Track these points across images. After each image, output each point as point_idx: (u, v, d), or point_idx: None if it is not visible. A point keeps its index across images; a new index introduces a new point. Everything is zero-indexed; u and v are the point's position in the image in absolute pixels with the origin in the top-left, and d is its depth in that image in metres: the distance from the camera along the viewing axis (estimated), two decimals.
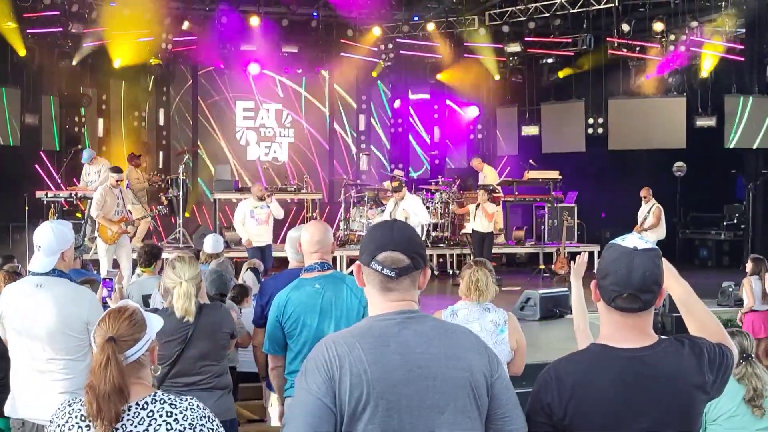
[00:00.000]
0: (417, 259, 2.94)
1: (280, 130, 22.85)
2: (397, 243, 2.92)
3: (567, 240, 18.05)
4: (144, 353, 3.20)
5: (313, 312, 5.15)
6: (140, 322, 3.24)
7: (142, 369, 3.21)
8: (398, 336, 2.83)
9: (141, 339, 3.19)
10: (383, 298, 2.93)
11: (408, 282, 2.93)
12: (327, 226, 5.63)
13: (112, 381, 3.02)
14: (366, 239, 3.01)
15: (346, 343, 2.80)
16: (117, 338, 3.13)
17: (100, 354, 3.09)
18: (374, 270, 2.91)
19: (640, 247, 2.91)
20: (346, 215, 18.59)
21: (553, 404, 2.89)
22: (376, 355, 2.77)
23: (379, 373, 2.74)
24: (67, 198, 16.51)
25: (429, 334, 2.86)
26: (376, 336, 2.83)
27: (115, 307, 3.33)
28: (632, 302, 2.89)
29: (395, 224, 3.03)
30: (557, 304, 12.93)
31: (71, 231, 5.29)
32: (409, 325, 2.86)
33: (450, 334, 2.91)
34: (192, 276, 5.24)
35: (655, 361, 2.90)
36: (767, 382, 5.55)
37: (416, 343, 2.82)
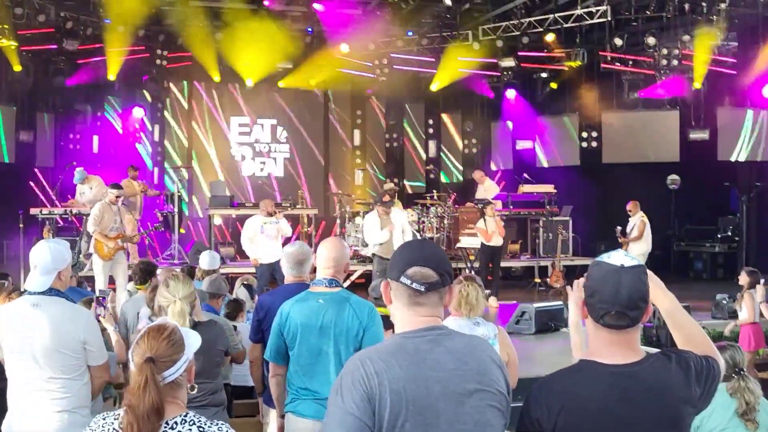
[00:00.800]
0: (445, 276, 2.99)
1: (274, 145, 22.88)
2: (427, 259, 2.97)
3: (562, 253, 18.09)
4: (182, 374, 3.19)
5: (312, 328, 5.16)
6: (179, 342, 3.22)
7: (179, 389, 3.20)
8: (431, 353, 2.87)
9: (179, 360, 3.18)
10: (411, 313, 2.96)
11: (436, 298, 2.98)
12: (345, 244, 5.68)
13: (151, 402, 3.02)
14: (396, 256, 3.04)
15: (382, 360, 2.82)
16: (156, 359, 3.11)
17: (139, 375, 3.08)
18: (403, 284, 2.95)
19: (626, 264, 2.94)
20: (342, 230, 18.59)
21: (542, 419, 2.91)
22: (413, 372, 2.81)
23: (417, 390, 2.78)
24: (62, 215, 16.51)
25: (461, 350, 2.91)
26: (410, 353, 2.86)
27: (154, 325, 3.31)
28: (620, 319, 2.92)
29: (425, 242, 3.13)
30: (552, 317, 12.96)
31: (68, 250, 5.28)
32: (441, 341, 2.91)
33: (478, 349, 2.97)
34: (186, 294, 5.25)
35: (644, 376, 2.92)
36: (759, 395, 5.56)
37: (449, 359, 2.87)
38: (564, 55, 20.32)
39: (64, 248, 5.22)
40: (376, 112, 23.87)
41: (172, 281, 5.29)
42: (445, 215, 18.71)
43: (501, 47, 20.69)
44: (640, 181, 20.45)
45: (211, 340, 5.42)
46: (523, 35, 20.13)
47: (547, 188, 19.21)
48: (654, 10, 18.83)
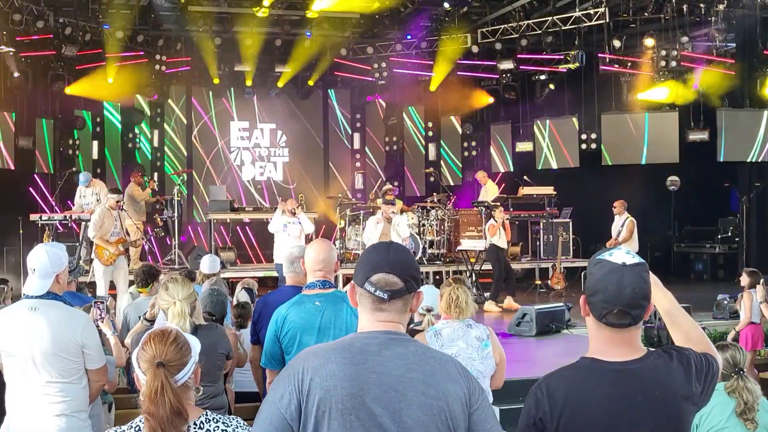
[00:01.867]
0: (411, 283, 2.92)
1: (274, 149, 22.89)
2: (392, 265, 2.91)
3: (563, 255, 18.09)
4: (190, 376, 3.23)
5: (311, 330, 5.15)
6: (185, 345, 3.25)
7: (189, 391, 3.23)
8: (377, 355, 2.81)
9: (188, 363, 3.22)
10: (372, 317, 2.92)
11: (400, 304, 2.92)
12: (331, 244, 5.67)
13: (171, 405, 3.05)
14: (361, 260, 2.99)
15: (322, 356, 2.81)
16: (166, 363, 3.13)
17: (154, 380, 3.09)
18: (367, 291, 2.89)
19: (628, 262, 2.93)
20: (342, 234, 18.58)
21: (545, 418, 2.90)
22: (351, 371, 2.76)
23: (351, 390, 2.73)
24: (61, 220, 16.52)
25: (410, 358, 2.83)
26: (354, 352, 2.82)
27: (157, 330, 3.32)
28: (622, 318, 2.91)
29: (391, 246, 3.01)
30: (553, 319, 12.94)
31: (65, 253, 5.27)
32: (391, 346, 2.84)
33: (431, 361, 2.87)
34: (185, 296, 5.25)
35: (645, 373, 2.92)
36: (759, 395, 5.56)
37: (395, 365, 2.80)
38: (563, 58, 20.32)
39: (62, 251, 5.21)
40: (375, 115, 23.86)
41: (171, 284, 5.29)
42: (445, 218, 18.70)
43: (500, 50, 20.72)
44: (639, 183, 20.46)
45: (212, 344, 5.42)
46: (522, 38, 20.16)
47: (546, 190, 19.20)
48: (652, 11, 18.87)
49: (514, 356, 10.79)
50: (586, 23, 19.26)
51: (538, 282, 17.73)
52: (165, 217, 18.01)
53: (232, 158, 22.60)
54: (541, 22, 19.82)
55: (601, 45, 19.84)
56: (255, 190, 21.21)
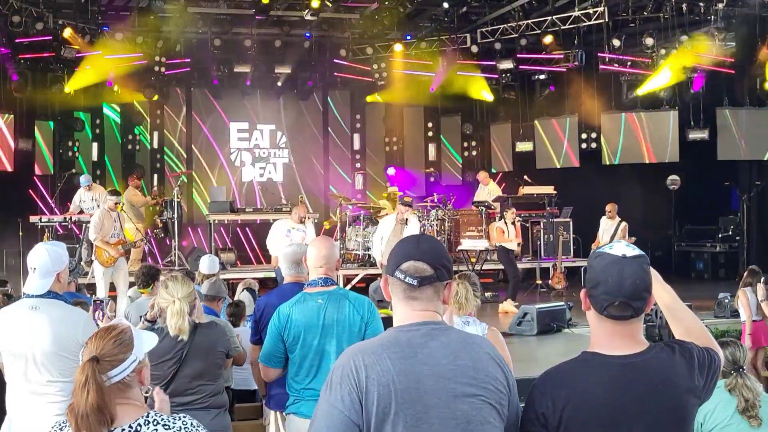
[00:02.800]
0: (441, 271, 2.96)
1: (274, 150, 22.88)
2: (423, 253, 2.95)
3: (563, 255, 18.08)
4: (130, 374, 3.13)
5: (315, 328, 5.16)
6: (127, 341, 3.16)
7: (129, 390, 3.14)
8: (425, 347, 2.84)
9: (126, 359, 3.12)
10: (407, 308, 2.94)
11: (431, 292, 2.94)
12: (333, 242, 5.68)
13: (90, 401, 2.97)
14: (393, 251, 3.02)
15: (373, 353, 2.82)
16: (100, 358, 3.06)
17: (81, 373, 3.03)
18: (397, 279, 2.93)
19: (628, 254, 2.93)
20: (342, 234, 18.57)
21: (547, 413, 2.89)
22: (404, 366, 2.79)
23: (407, 384, 2.76)
24: (61, 222, 16.51)
25: (455, 346, 2.88)
26: (403, 346, 2.84)
27: (105, 325, 3.28)
28: (624, 310, 2.90)
29: (422, 237, 3.07)
30: (554, 318, 12.95)
31: (66, 252, 5.27)
32: (435, 336, 2.88)
33: (474, 346, 2.93)
34: (185, 294, 5.24)
35: (648, 366, 2.91)
36: (759, 392, 5.55)
37: (443, 354, 2.84)
38: (562, 57, 20.32)
39: (62, 250, 5.21)
40: (375, 115, 23.85)
41: (171, 282, 5.28)
42: (445, 218, 18.70)
43: (499, 49, 20.72)
44: (640, 182, 20.47)
45: (212, 342, 5.41)
46: (521, 37, 20.17)
47: (547, 190, 19.19)
48: (651, 10, 18.87)
49: (516, 356, 10.75)
50: (585, 23, 19.25)
51: (539, 281, 17.71)
52: (165, 218, 18.00)
53: (233, 159, 22.57)
54: (541, 21, 19.83)
55: (600, 44, 19.86)
56: (261, 191, 21.14)
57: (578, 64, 19.97)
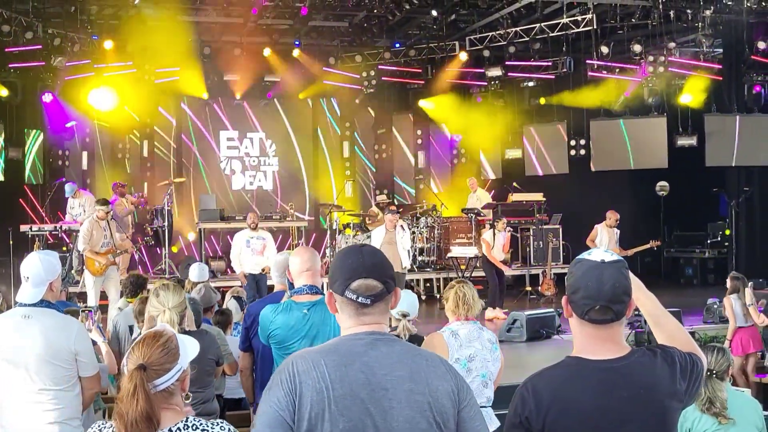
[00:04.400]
0: (389, 283, 2.97)
1: (264, 158, 22.89)
2: (370, 270, 2.94)
3: (553, 261, 18.13)
4: (174, 383, 3.17)
5: (298, 336, 5.18)
6: (173, 350, 3.20)
7: (172, 396, 3.18)
8: (364, 356, 2.85)
9: (172, 369, 3.16)
10: (356, 321, 2.95)
11: (383, 306, 2.97)
12: (314, 251, 5.69)
13: (140, 409, 3.01)
14: (336, 266, 3.00)
15: (311, 359, 2.83)
16: (147, 366, 3.10)
17: (129, 382, 3.07)
18: (348, 299, 2.92)
19: (606, 259, 2.97)
20: (332, 242, 18.60)
21: (531, 417, 2.92)
22: (341, 373, 2.80)
23: (341, 391, 2.77)
24: (51, 231, 16.50)
25: (395, 356, 2.88)
26: (342, 354, 2.85)
27: (151, 331, 3.30)
28: (604, 314, 2.94)
29: (364, 249, 3.03)
30: (544, 325, 13.00)
31: (58, 261, 5.29)
32: (377, 346, 2.88)
33: (416, 358, 2.92)
34: (176, 304, 5.26)
35: (630, 371, 2.95)
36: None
37: (381, 364, 2.84)
38: (551, 64, 20.41)
39: (55, 259, 5.23)
40: (364, 123, 23.88)
41: (162, 291, 5.30)
42: (435, 225, 18.74)
43: (488, 57, 20.78)
44: (628, 188, 20.55)
45: (202, 350, 5.41)
46: (510, 45, 20.23)
47: (536, 197, 19.25)
48: (639, 17, 18.95)
49: (505, 362, 10.81)
50: (573, 30, 19.32)
51: (529, 288, 17.77)
52: (155, 226, 18.00)
53: (222, 167, 22.57)
54: (529, 29, 19.89)
55: (588, 51, 19.93)
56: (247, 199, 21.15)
57: (567, 71, 20.05)
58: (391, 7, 19.01)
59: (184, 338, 3.33)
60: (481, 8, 19.21)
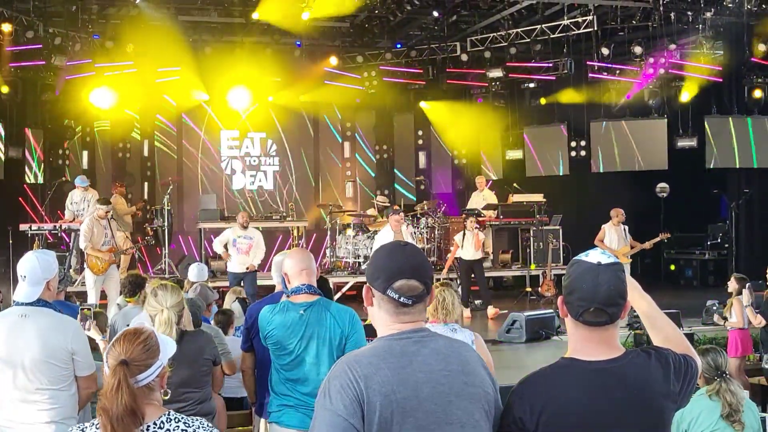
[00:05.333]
0: (429, 284, 3.01)
1: (265, 158, 22.89)
2: (413, 270, 2.97)
3: (553, 262, 18.11)
4: (155, 378, 3.24)
5: (294, 337, 5.20)
6: (154, 347, 3.25)
7: (152, 392, 3.24)
8: (418, 355, 2.89)
9: (153, 365, 3.22)
10: (396, 320, 2.98)
11: (422, 306, 3.01)
12: (309, 252, 5.73)
13: (124, 404, 3.05)
14: (379, 264, 3.02)
15: (370, 364, 2.84)
16: (129, 362, 3.15)
17: (112, 377, 3.11)
18: (391, 298, 2.95)
19: (603, 262, 2.98)
20: (332, 242, 18.60)
21: (524, 418, 2.92)
22: (403, 375, 2.83)
23: (406, 393, 2.80)
24: (51, 230, 16.50)
25: (445, 351, 2.94)
26: (398, 356, 2.88)
27: (131, 329, 3.35)
28: (599, 316, 2.95)
29: (407, 249, 3.06)
30: (543, 326, 13.00)
31: (55, 260, 5.29)
32: (426, 343, 2.93)
33: (461, 350, 3.00)
34: (174, 304, 5.27)
35: (624, 372, 2.96)
36: (742, 397, 5.61)
37: (435, 360, 2.89)
38: (551, 65, 20.41)
39: (52, 258, 5.23)
40: (365, 124, 23.87)
41: (161, 291, 5.31)
42: (435, 225, 18.72)
43: (489, 58, 20.78)
44: (628, 190, 20.52)
45: (199, 350, 5.44)
46: (511, 46, 20.24)
47: (536, 197, 19.24)
48: (640, 19, 18.94)
49: (504, 363, 10.83)
50: (574, 31, 19.34)
51: (529, 289, 17.75)
52: (155, 226, 18.00)
53: (223, 167, 22.57)
54: (530, 30, 19.90)
55: (589, 53, 19.94)
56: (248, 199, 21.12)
57: (567, 72, 20.06)
58: (392, 7, 19.01)
59: (163, 337, 3.37)
60: (483, 9, 19.21)
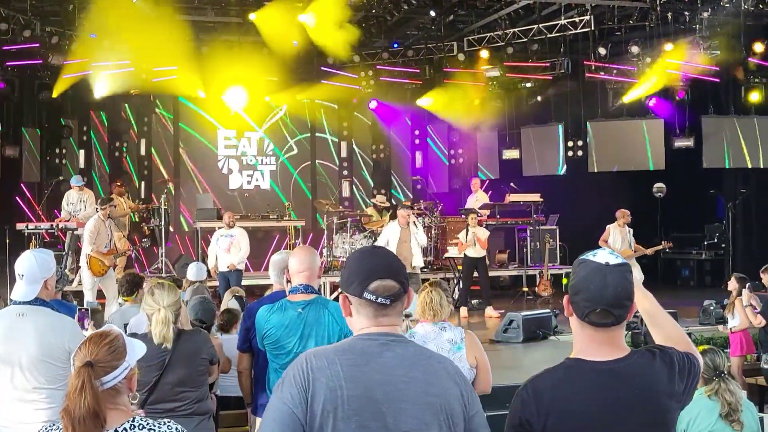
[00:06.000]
0: (405, 284, 2.98)
1: (261, 158, 22.87)
2: (387, 270, 2.94)
3: (550, 262, 18.11)
4: (121, 381, 3.19)
5: (293, 336, 5.19)
6: (120, 348, 3.22)
7: (119, 395, 3.20)
8: (379, 356, 2.86)
9: (119, 366, 3.18)
10: (374, 322, 2.95)
11: (399, 307, 2.97)
12: (314, 250, 5.69)
13: (86, 406, 3.02)
14: (352, 269, 3.00)
15: (325, 358, 2.84)
16: (94, 363, 3.11)
17: (76, 378, 3.08)
18: (368, 300, 2.92)
19: (611, 262, 2.96)
20: (329, 242, 18.59)
21: (531, 419, 2.92)
22: (355, 373, 2.80)
23: (356, 391, 2.78)
24: (48, 229, 16.46)
25: (411, 358, 2.89)
26: (356, 353, 2.86)
27: (98, 331, 3.32)
28: (605, 317, 2.94)
29: (378, 251, 3.06)
30: (540, 325, 12.97)
31: (53, 259, 5.28)
32: (392, 347, 2.89)
33: (431, 360, 2.94)
34: (170, 303, 5.26)
35: (629, 372, 2.95)
36: (741, 396, 5.61)
37: (397, 365, 2.85)
38: (548, 65, 20.42)
39: (50, 257, 5.22)
40: (362, 123, 23.87)
41: (158, 290, 5.30)
42: (432, 225, 18.72)
43: (486, 58, 20.78)
44: (625, 189, 20.53)
45: (196, 349, 5.43)
46: (508, 45, 20.24)
47: (533, 197, 19.24)
48: (637, 19, 18.97)
49: (502, 363, 10.83)
50: (571, 31, 19.34)
51: (525, 289, 17.73)
52: (152, 225, 17.99)
53: (220, 166, 22.56)
54: (527, 30, 19.89)
55: (586, 52, 19.97)
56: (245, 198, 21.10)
57: (564, 72, 20.07)
58: (389, 7, 19.01)
59: (131, 339, 3.35)
60: (480, 9, 19.23)
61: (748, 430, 5.64)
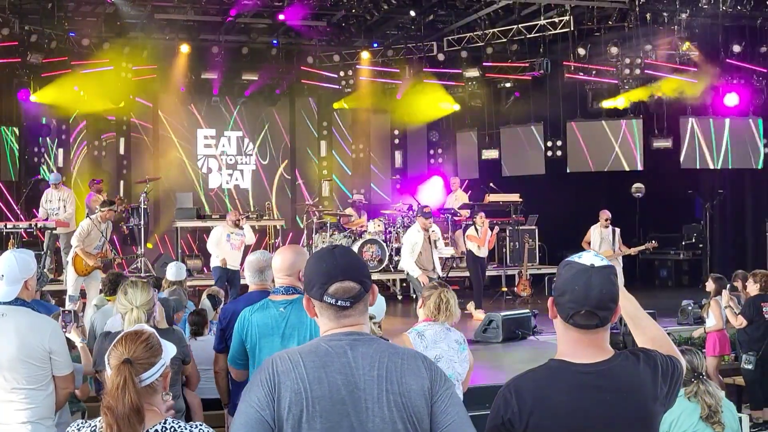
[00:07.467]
0: (366, 283, 2.98)
1: (241, 157, 22.82)
2: (345, 271, 2.94)
3: (529, 262, 18.19)
4: (158, 378, 3.23)
5: (275, 335, 5.17)
6: (156, 346, 3.26)
7: (155, 395, 3.22)
8: (343, 356, 2.87)
9: (156, 363, 3.22)
10: (337, 324, 2.96)
11: (362, 307, 2.98)
12: (300, 250, 5.66)
13: (130, 402, 3.03)
14: (311, 272, 3.00)
15: (291, 360, 2.86)
16: (133, 361, 3.14)
17: (117, 375, 3.09)
18: (328, 303, 2.93)
19: (596, 264, 2.97)
20: (309, 241, 18.58)
21: (513, 419, 2.93)
22: (320, 374, 2.82)
23: (320, 392, 2.80)
24: (26, 229, 16.38)
25: (373, 356, 2.89)
26: (321, 355, 2.87)
27: (131, 330, 3.36)
28: (590, 319, 2.95)
29: (336, 252, 3.03)
30: (520, 325, 13.01)
31: (34, 259, 5.27)
32: (356, 346, 2.90)
33: (393, 357, 2.92)
34: (143, 302, 5.26)
35: (613, 374, 2.96)
36: (720, 397, 5.65)
37: (359, 365, 2.86)
38: (528, 65, 20.48)
39: (30, 257, 5.21)
40: (341, 123, 23.87)
41: (131, 288, 5.29)
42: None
43: (465, 57, 20.82)
44: (604, 190, 20.64)
45: None
46: (487, 45, 20.29)
47: (512, 197, 19.32)
48: (616, 20, 19.05)
49: (481, 362, 10.84)
50: (551, 31, 19.41)
51: (505, 289, 17.77)
52: (131, 225, 17.92)
53: (199, 166, 22.49)
54: (507, 30, 19.94)
55: (565, 53, 20.03)
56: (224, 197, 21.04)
57: (544, 72, 20.13)
58: (369, 7, 19.00)
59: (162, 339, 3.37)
60: (459, 9, 19.25)
61: (729, 430, 5.68)
